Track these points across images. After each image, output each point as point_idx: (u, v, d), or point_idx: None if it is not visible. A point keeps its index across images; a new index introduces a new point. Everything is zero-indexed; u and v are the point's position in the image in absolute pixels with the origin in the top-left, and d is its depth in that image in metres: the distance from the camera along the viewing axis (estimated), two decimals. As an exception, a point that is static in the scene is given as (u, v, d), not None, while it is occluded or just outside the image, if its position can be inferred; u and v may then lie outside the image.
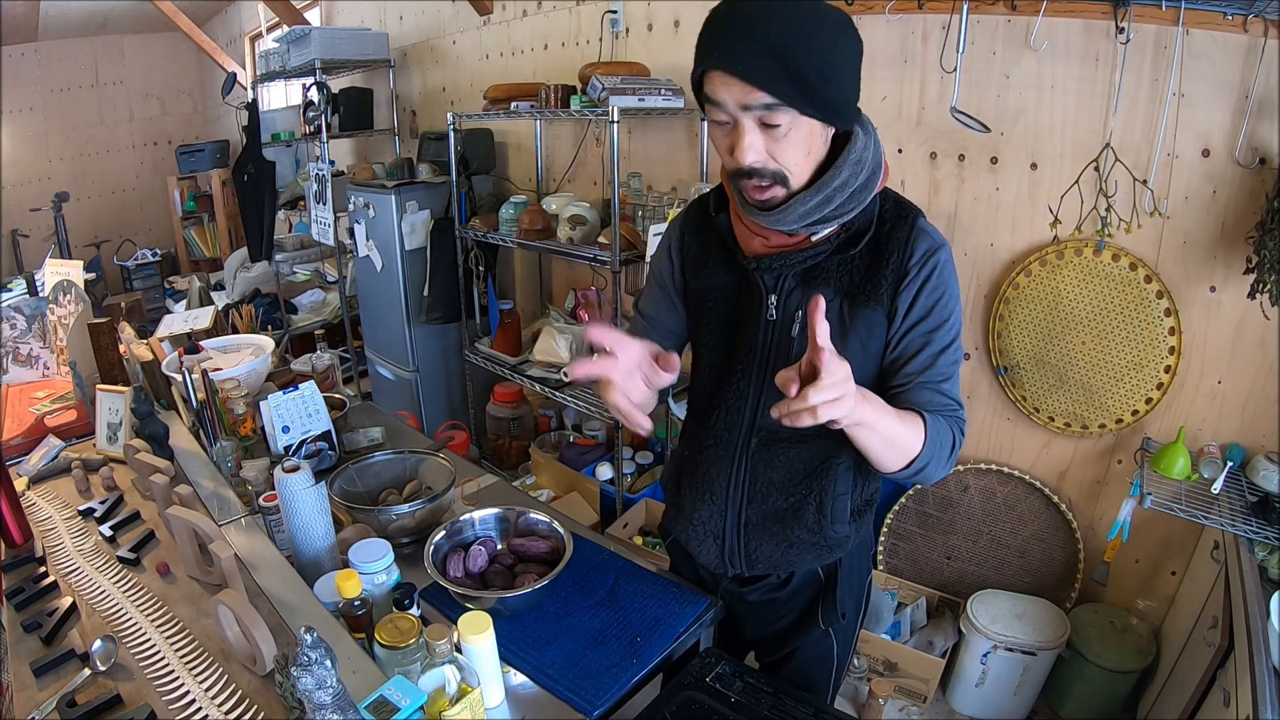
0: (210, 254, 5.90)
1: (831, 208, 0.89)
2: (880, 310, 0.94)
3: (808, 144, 0.86)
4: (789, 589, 1.15)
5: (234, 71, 5.10)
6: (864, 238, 0.94)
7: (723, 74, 0.81)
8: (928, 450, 0.88)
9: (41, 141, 5.83)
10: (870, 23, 2.06)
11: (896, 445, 0.87)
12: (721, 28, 0.81)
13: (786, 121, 0.82)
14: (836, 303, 0.95)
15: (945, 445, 0.92)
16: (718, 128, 0.87)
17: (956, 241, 2.10)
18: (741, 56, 0.79)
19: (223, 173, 5.63)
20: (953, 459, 0.94)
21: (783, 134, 0.83)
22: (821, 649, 1.18)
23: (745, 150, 0.84)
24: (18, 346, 2.19)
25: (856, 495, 1.08)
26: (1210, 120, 1.66)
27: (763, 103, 0.80)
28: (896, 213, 0.96)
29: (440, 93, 3.78)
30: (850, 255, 0.94)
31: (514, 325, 2.92)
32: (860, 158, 0.89)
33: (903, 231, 0.94)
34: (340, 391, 1.83)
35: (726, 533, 1.10)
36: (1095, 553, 2.04)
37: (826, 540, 1.08)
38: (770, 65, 0.78)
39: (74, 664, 1.00)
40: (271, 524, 1.26)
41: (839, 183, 0.88)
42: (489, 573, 1.17)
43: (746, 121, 0.83)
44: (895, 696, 2.10)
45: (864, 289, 0.94)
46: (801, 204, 0.88)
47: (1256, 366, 1.72)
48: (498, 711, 0.99)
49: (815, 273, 0.95)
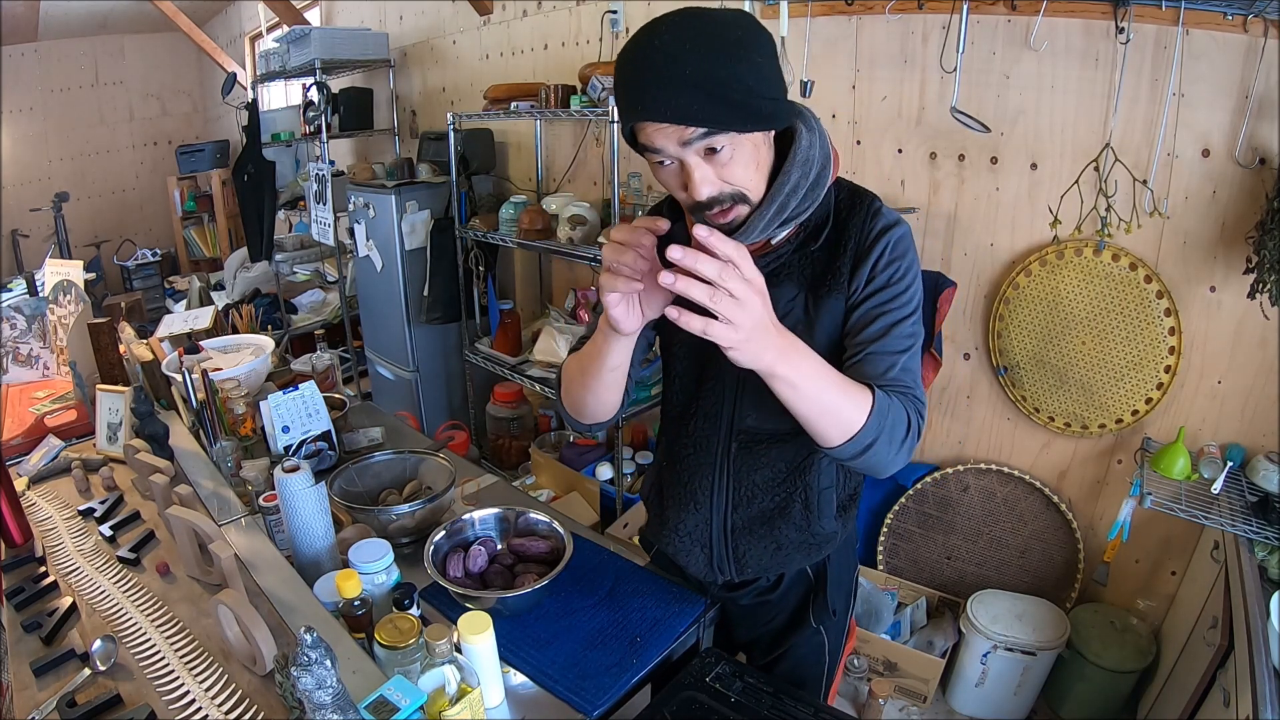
0: (210, 254, 5.90)
1: (788, 212, 0.89)
2: (842, 295, 0.94)
3: (754, 158, 0.85)
4: (779, 590, 1.15)
5: (234, 71, 5.10)
6: (823, 232, 0.94)
7: (653, 123, 0.80)
8: (872, 425, 0.84)
9: (41, 141, 5.83)
10: (870, 23, 2.06)
11: (829, 412, 0.83)
12: (634, 79, 0.80)
13: (728, 144, 0.82)
14: (801, 297, 0.95)
15: (899, 426, 0.87)
16: (662, 169, 0.86)
17: (956, 241, 2.10)
18: (664, 101, 0.78)
19: (223, 173, 5.63)
20: (908, 445, 0.89)
21: (727, 157, 0.83)
22: (813, 646, 1.18)
23: (699, 185, 0.83)
24: (18, 346, 2.19)
25: (841, 489, 1.09)
26: (1210, 120, 1.66)
27: (699, 135, 0.80)
28: (851, 201, 0.96)
29: (440, 93, 3.78)
30: (810, 250, 0.95)
31: (514, 325, 2.92)
32: (807, 157, 0.88)
33: (858, 217, 0.94)
34: (340, 391, 1.83)
35: (714, 540, 1.10)
36: (1095, 553, 2.04)
37: (815, 538, 1.08)
38: (695, 100, 0.77)
39: (74, 664, 1.00)
40: (271, 524, 1.26)
41: (790, 187, 0.87)
42: (489, 573, 1.17)
43: (690, 158, 0.82)
44: (895, 696, 2.10)
45: (825, 280, 0.94)
46: (760, 218, 0.88)
47: (1256, 366, 1.72)
48: (498, 711, 0.99)
49: (777, 270, 0.96)
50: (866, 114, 2.17)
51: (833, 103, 2.22)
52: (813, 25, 2.15)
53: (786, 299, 0.95)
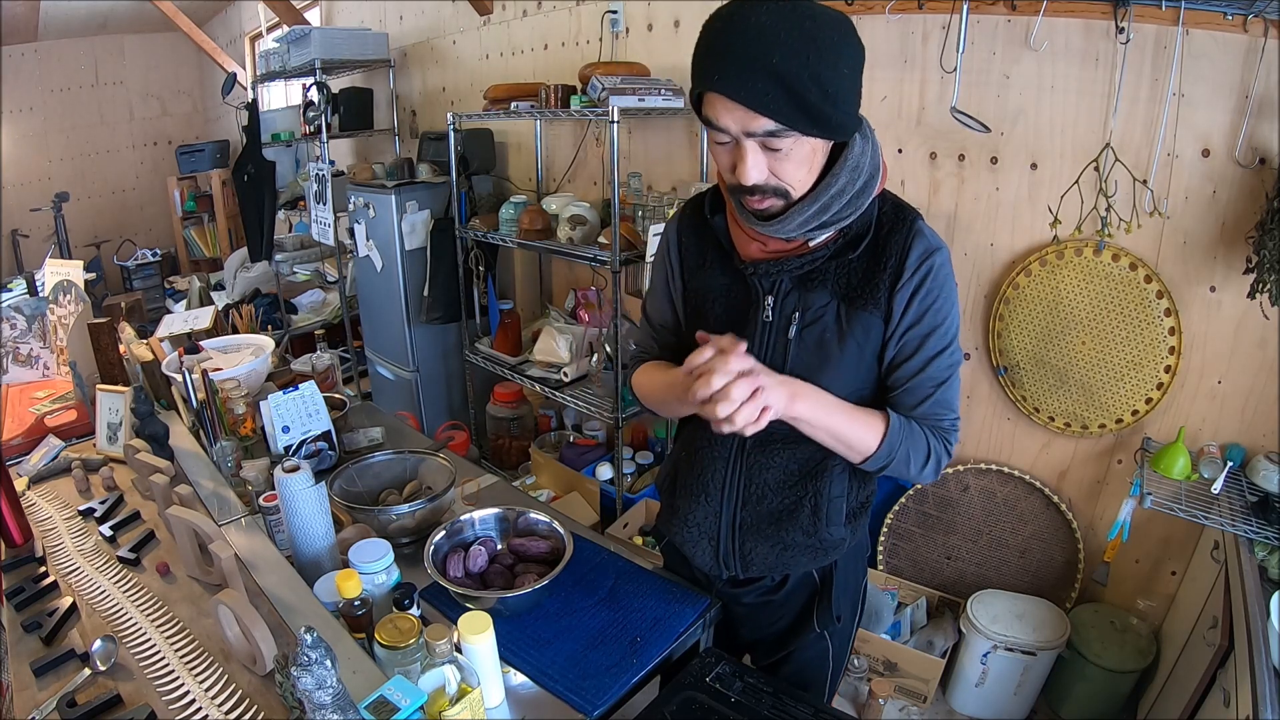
0: (210, 254, 5.90)
1: (830, 214, 0.89)
2: (877, 313, 0.94)
3: (810, 161, 0.86)
4: (784, 592, 1.15)
5: (234, 71, 5.10)
6: (862, 242, 0.93)
7: (724, 98, 0.79)
8: (884, 452, 0.93)
9: (41, 141, 5.83)
10: (870, 23, 2.06)
11: (841, 440, 0.94)
12: (720, 47, 0.78)
13: (789, 143, 0.82)
14: (834, 305, 0.95)
15: (917, 453, 0.95)
16: (719, 145, 0.86)
17: (956, 241, 2.10)
18: (743, 82, 0.77)
19: (223, 173, 5.63)
20: (930, 468, 0.97)
21: (785, 154, 0.83)
22: (817, 651, 1.18)
23: (748, 171, 0.84)
24: (18, 346, 2.19)
25: (852, 498, 1.08)
26: (1210, 120, 1.66)
27: (766, 129, 0.80)
28: (895, 215, 0.95)
29: (440, 93, 3.78)
30: (848, 259, 0.94)
31: (514, 325, 2.92)
32: (858, 164, 0.89)
33: (900, 234, 0.93)
34: (340, 391, 1.83)
35: (721, 534, 1.10)
36: (1095, 553, 2.04)
37: (821, 543, 1.08)
38: (773, 91, 0.76)
39: (74, 664, 1.00)
40: (271, 524, 1.26)
41: (836, 190, 0.88)
42: (489, 573, 1.17)
43: (749, 144, 0.82)
44: (895, 696, 2.10)
45: (861, 292, 0.94)
46: (800, 213, 0.88)
47: (1256, 366, 1.72)
48: (498, 711, 0.99)
49: (813, 276, 0.96)
50: (866, 114, 2.11)
51: (833, 103, 2.21)
52: (813, 25, 2.15)
53: (819, 305, 0.95)
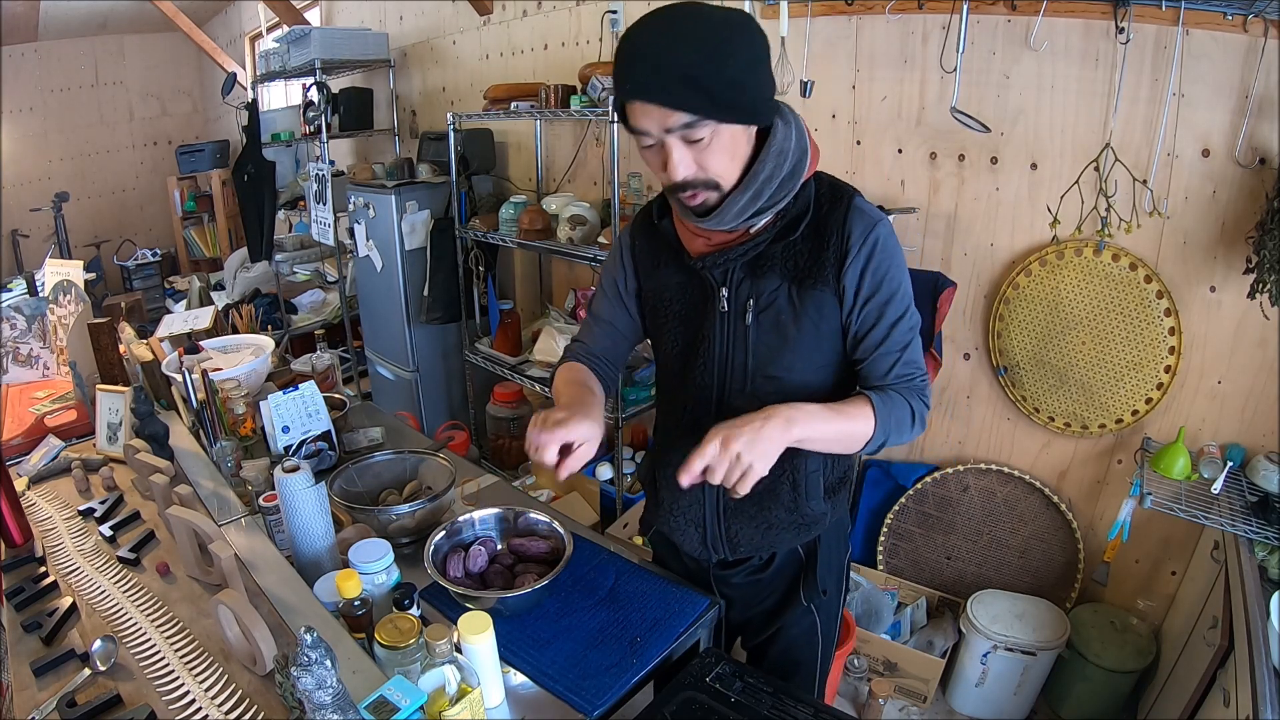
0: (210, 254, 5.90)
1: (764, 200, 0.95)
2: (828, 290, 0.99)
3: (732, 149, 0.92)
4: (771, 569, 1.19)
5: (234, 71, 5.10)
6: (801, 223, 0.98)
7: (640, 102, 0.87)
8: (880, 431, 0.97)
9: (41, 141, 5.83)
10: (870, 23, 2.06)
11: (842, 441, 0.98)
12: (629, 59, 0.87)
13: (708, 133, 0.88)
14: (784, 288, 1.00)
15: (904, 419, 0.99)
16: (646, 150, 0.93)
17: (956, 241, 2.10)
18: (651, 84, 0.85)
19: (223, 173, 5.63)
20: (917, 426, 1.01)
21: (706, 145, 0.89)
22: (805, 626, 1.21)
23: (676, 167, 0.90)
24: (18, 346, 2.19)
25: (829, 471, 1.12)
26: (1210, 120, 1.66)
27: (683, 122, 0.86)
28: (832, 195, 1.00)
29: (440, 93, 3.78)
30: (791, 240, 0.99)
31: (514, 325, 2.92)
32: (782, 148, 0.94)
33: (839, 212, 0.98)
34: (340, 391, 1.83)
35: (707, 519, 1.14)
36: (1095, 553, 2.04)
37: (804, 518, 1.12)
38: (683, 89, 0.84)
39: (74, 664, 1.00)
40: (271, 524, 1.26)
41: (765, 176, 0.93)
42: (489, 573, 1.17)
43: (672, 141, 0.89)
44: (895, 696, 2.10)
45: (809, 272, 0.99)
46: (734, 203, 0.94)
47: (1256, 366, 1.72)
48: (498, 711, 0.99)
49: (760, 261, 1.01)
50: (866, 114, 2.17)
51: (833, 103, 2.22)
52: (813, 25, 2.15)
53: (770, 289, 1.01)
